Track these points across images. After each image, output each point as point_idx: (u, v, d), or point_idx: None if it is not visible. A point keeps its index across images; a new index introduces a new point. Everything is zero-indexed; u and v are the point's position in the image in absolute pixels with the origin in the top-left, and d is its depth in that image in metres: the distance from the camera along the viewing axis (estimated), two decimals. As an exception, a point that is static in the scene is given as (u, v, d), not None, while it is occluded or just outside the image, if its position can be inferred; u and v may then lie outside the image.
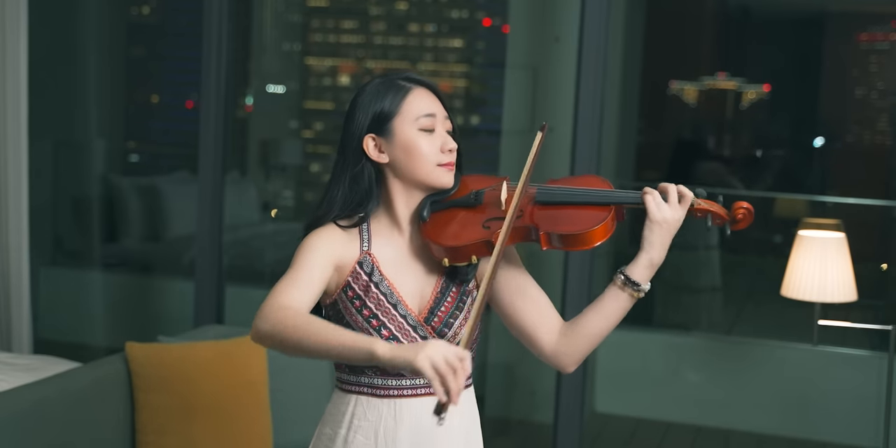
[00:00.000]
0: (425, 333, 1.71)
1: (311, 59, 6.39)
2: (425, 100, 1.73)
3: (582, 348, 1.75)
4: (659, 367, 4.75)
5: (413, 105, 1.71)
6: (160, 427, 2.83)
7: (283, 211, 6.12)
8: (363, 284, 1.70)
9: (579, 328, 1.74)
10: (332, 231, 1.72)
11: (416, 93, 1.73)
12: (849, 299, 3.30)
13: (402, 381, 1.71)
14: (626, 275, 1.70)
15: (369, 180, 1.73)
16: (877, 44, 6.02)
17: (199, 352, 2.91)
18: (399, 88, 1.72)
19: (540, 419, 4.41)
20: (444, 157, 1.71)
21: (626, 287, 1.70)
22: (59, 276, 5.42)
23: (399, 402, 1.72)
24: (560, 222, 1.67)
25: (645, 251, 1.70)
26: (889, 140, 5.99)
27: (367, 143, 1.72)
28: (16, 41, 3.77)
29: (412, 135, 1.70)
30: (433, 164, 1.71)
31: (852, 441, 4.36)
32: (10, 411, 2.49)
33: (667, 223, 1.68)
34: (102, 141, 5.63)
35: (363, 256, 1.72)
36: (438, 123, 1.72)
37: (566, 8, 4.42)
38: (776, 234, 5.75)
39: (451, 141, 1.73)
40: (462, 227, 1.70)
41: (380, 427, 1.71)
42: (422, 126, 1.71)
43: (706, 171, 5.64)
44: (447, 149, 1.72)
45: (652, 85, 6.03)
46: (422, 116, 1.71)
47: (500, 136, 4.83)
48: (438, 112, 1.73)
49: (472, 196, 1.74)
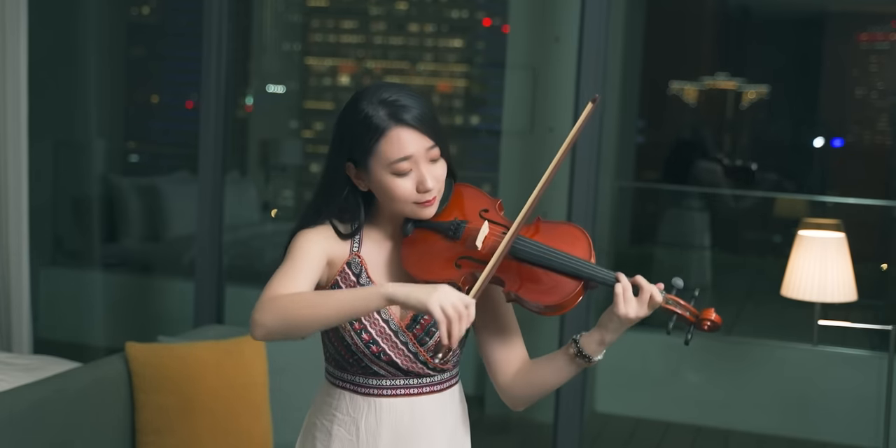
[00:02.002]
0: (406, 339, 1.72)
1: (311, 59, 6.39)
2: (401, 142, 1.63)
3: (526, 394, 1.77)
4: (659, 367, 4.75)
5: (387, 150, 1.63)
6: (160, 427, 2.83)
7: (283, 211, 6.12)
8: (350, 285, 1.71)
9: (530, 378, 1.75)
10: (325, 229, 1.72)
11: (391, 136, 1.63)
12: (849, 299, 3.30)
13: (381, 381, 1.73)
14: (580, 348, 1.68)
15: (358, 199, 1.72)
16: (877, 44, 6.02)
17: (199, 352, 2.91)
18: (375, 130, 1.63)
19: (540, 419, 4.41)
20: (420, 196, 1.66)
21: (577, 358, 1.69)
22: (59, 276, 5.42)
23: (379, 401, 1.73)
24: (527, 285, 1.63)
25: (599, 332, 1.67)
26: (889, 140, 5.99)
27: (350, 169, 1.69)
28: (16, 41, 3.77)
29: (385, 178, 1.65)
30: (409, 203, 1.67)
31: (852, 441, 4.36)
32: (9, 411, 2.49)
33: (627, 319, 1.62)
34: (102, 141, 5.63)
35: (352, 257, 1.72)
36: (420, 160, 1.65)
37: (566, 8, 4.42)
38: (776, 234, 5.76)
39: (429, 180, 1.65)
40: (434, 261, 1.68)
41: (361, 424, 1.73)
42: (395, 171, 1.64)
43: (702, 171, 5.64)
44: (423, 190, 1.66)
45: (652, 85, 6.04)
46: (394, 162, 1.63)
47: (499, 136, 4.84)
48: (416, 150, 1.64)
49: (452, 227, 1.70)
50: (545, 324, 3.62)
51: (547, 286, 1.62)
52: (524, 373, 1.76)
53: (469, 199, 1.75)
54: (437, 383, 1.76)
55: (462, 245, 1.68)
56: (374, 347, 1.70)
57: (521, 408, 1.80)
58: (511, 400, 1.79)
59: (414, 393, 1.74)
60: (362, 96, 1.67)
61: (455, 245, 1.68)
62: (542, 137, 4.52)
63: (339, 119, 1.70)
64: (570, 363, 1.70)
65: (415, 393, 1.74)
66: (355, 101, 1.68)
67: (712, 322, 1.62)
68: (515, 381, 1.77)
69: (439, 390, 1.77)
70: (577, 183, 3.25)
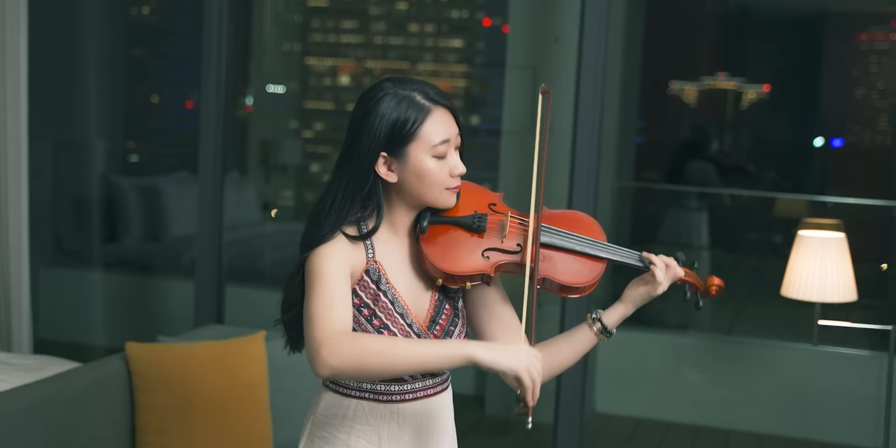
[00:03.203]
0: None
1: (311, 59, 6.39)
2: (444, 123, 1.66)
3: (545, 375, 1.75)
4: (659, 367, 4.75)
5: (431, 131, 1.65)
6: (160, 427, 2.83)
7: (283, 211, 6.12)
8: (371, 293, 1.68)
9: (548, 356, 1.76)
10: (339, 242, 1.66)
11: (436, 116, 1.65)
12: (849, 299, 3.30)
13: (403, 385, 1.72)
14: (603, 323, 1.78)
15: (378, 197, 1.68)
16: (877, 44, 6.02)
17: (199, 352, 2.91)
18: (419, 109, 1.64)
19: (540, 419, 4.40)
20: (452, 181, 1.69)
21: (602, 334, 1.79)
22: (59, 276, 5.42)
23: (401, 406, 1.72)
24: (558, 269, 1.72)
25: (624, 306, 1.80)
26: (889, 140, 5.99)
27: (380, 163, 1.66)
28: (16, 41, 3.77)
29: (426, 162, 1.65)
30: (442, 188, 1.68)
31: (852, 441, 4.36)
32: (10, 411, 2.49)
33: (655, 292, 1.78)
34: (102, 141, 5.63)
35: (370, 264, 1.69)
36: (453, 145, 1.69)
37: (566, 8, 4.42)
38: (776, 234, 5.75)
39: (460, 164, 1.70)
40: (462, 253, 1.69)
41: (382, 431, 1.72)
42: (437, 153, 1.66)
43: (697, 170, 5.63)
44: (456, 174, 1.69)
45: (652, 85, 6.03)
46: (438, 144, 1.65)
47: (500, 136, 4.84)
48: (453, 135, 1.68)
49: (474, 219, 1.72)
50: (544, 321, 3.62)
51: (578, 268, 1.73)
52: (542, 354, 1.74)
53: (474, 194, 1.77)
54: (443, 382, 1.78)
55: (486, 237, 1.71)
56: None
57: None
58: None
59: (431, 393, 1.75)
60: (391, 86, 1.66)
61: (480, 237, 1.71)
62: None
63: (368, 107, 1.65)
64: (591, 340, 1.78)
65: (431, 393, 1.75)
66: (384, 92, 1.65)
67: (718, 286, 1.83)
68: None
69: (445, 389, 1.79)
70: (577, 183, 3.25)
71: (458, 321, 1.76)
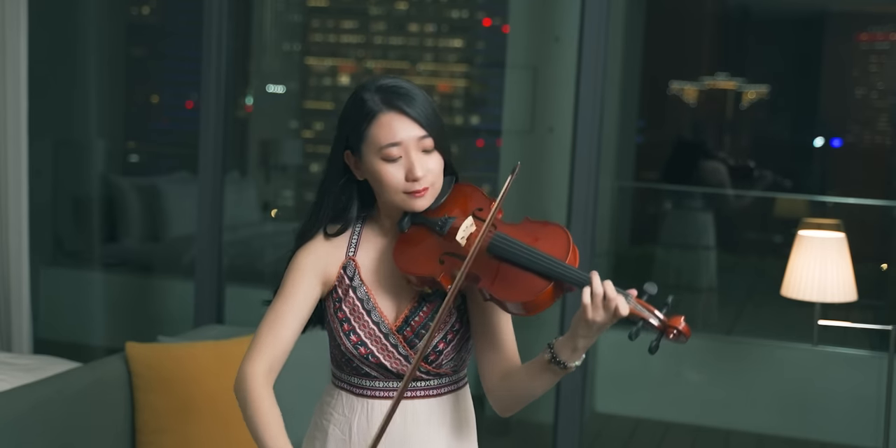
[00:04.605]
0: (396, 342, 1.71)
1: (311, 59, 6.38)
2: (390, 127, 1.64)
3: (507, 401, 1.71)
4: (659, 367, 4.75)
5: (376, 134, 1.64)
6: (160, 427, 2.83)
7: (283, 211, 6.12)
8: (344, 288, 1.73)
9: (510, 385, 1.70)
10: (317, 245, 1.73)
11: (381, 120, 1.64)
12: (849, 299, 3.30)
13: (374, 382, 1.73)
14: (554, 353, 1.61)
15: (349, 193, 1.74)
16: (877, 44, 6.01)
17: (199, 352, 2.91)
18: (366, 114, 1.65)
19: (540, 419, 4.41)
20: (409, 185, 1.65)
21: (552, 364, 1.61)
22: (59, 276, 5.42)
23: (372, 402, 1.73)
24: (499, 282, 1.61)
25: (571, 338, 1.59)
26: (889, 140, 5.98)
27: (348, 158, 1.71)
28: (16, 41, 3.76)
29: (375, 164, 1.66)
30: (399, 192, 1.66)
31: (852, 441, 4.36)
32: (10, 411, 2.49)
33: (595, 324, 1.55)
34: (102, 141, 5.63)
35: (347, 261, 1.74)
36: (410, 148, 1.64)
37: (566, 8, 4.42)
38: (776, 234, 5.76)
39: (416, 168, 1.64)
40: (420, 255, 1.68)
41: (353, 424, 1.74)
42: (384, 156, 1.64)
43: (706, 170, 5.63)
44: (412, 178, 1.64)
45: (652, 85, 6.03)
46: (384, 147, 1.64)
47: (500, 136, 4.84)
48: (406, 137, 1.64)
49: (440, 223, 1.69)
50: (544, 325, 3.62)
51: (518, 284, 1.60)
52: (505, 379, 1.71)
53: (467, 197, 1.74)
54: (434, 388, 1.75)
55: (447, 241, 1.68)
56: (362, 349, 1.70)
57: (506, 414, 1.74)
58: (495, 404, 1.75)
59: (407, 396, 1.72)
60: (363, 84, 1.70)
61: (441, 241, 1.68)
62: (542, 137, 4.52)
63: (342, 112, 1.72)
64: (546, 370, 1.63)
65: (408, 396, 1.72)
66: (357, 88, 1.71)
67: (679, 330, 1.55)
68: (499, 386, 1.72)
69: (435, 395, 1.75)
70: (577, 183, 3.25)
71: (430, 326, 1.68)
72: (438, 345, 1.72)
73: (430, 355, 1.71)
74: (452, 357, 1.74)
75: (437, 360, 1.72)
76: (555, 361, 1.60)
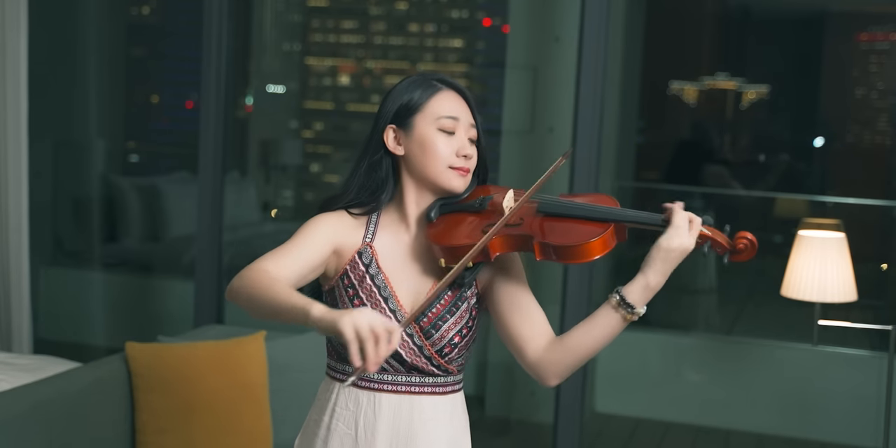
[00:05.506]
0: (412, 331, 1.71)
1: (311, 59, 6.39)
2: (452, 102, 1.75)
3: (566, 363, 1.70)
4: (658, 368, 4.75)
5: (437, 104, 1.74)
6: (160, 427, 2.83)
7: (283, 211, 6.12)
8: (359, 274, 1.72)
9: (567, 343, 1.69)
10: (340, 215, 1.76)
11: (445, 94, 1.76)
12: (849, 299, 3.30)
13: (383, 375, 1.72)
14: (622, 295, 1.63)
15: (386, 170, 1.76)
16: (877, 44, 6.01)
17: (199, 352, 2.91)
18: (429, 86, 1.76)
19: (540, 419, 4.41)
20: (457, 160, 1.73)
21: (620, 308, 1.64)
22: (59, 276, 5.42)
23: (378, 395, 1.73)
24: (556, 234, 1.65)
25: (644, 274, 1.64)
26: (889, 140, 5.98)
27: (388, 134, 1.75)
28: (16, 41, 3.77)
29: (430, 133, 1.73)
30: (445, 164, 1.73)
31: (852, 441, 4.36)
32: (10, 411, 2.49)
33: (676, 251, 1.63)
34: (102, 141, 5.63)
35: (364, 247, 1.74)
36: (461, 128, 1.74)
37: (566, 8, 4.42)
38: (776, 234, 5.74)
39: (468, 147, 1.74)
40: (462, 230, 1.71)
41: (360, 417, 1.73)
42: (441, 126, 1.73)
43: (709, 173, 5.63)
44: (462, 154, 1.73)
45: (652, 85, 6.03)
46: (443, 117, 1.73)
47: (500, 136, 4.83)
48: (463, 117, 1.75)
49: (477, 201, 1.75)
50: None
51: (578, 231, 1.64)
52: (561, 342, 1.70)
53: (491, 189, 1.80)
54: (440, 385, 1.75)
55: (488, 215, 1.73)
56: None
57: (555, 382, 1.73)
58: (546, 374, 1.72)
59: (415, 391, 1.73)
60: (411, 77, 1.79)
61: (482, 216, 1.73)
62: (542, 137, 4.52)
63: (387, 92, 1.78)
64: (610, 317, 1.64)
65: (415, 391, 1.73)
66: (405, 79, 1.79)
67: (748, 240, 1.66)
68: (551, 352, 1.70)
69: (441, 393, 1.76)
70: (577, 183, 3.25)
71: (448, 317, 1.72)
72: (454, 338, 1.73)
73: (446, 348, 1.72)
74: (463, 354, 1.76)
75: (450, 352, 1.73)
76: (623, 304, 1.63)
